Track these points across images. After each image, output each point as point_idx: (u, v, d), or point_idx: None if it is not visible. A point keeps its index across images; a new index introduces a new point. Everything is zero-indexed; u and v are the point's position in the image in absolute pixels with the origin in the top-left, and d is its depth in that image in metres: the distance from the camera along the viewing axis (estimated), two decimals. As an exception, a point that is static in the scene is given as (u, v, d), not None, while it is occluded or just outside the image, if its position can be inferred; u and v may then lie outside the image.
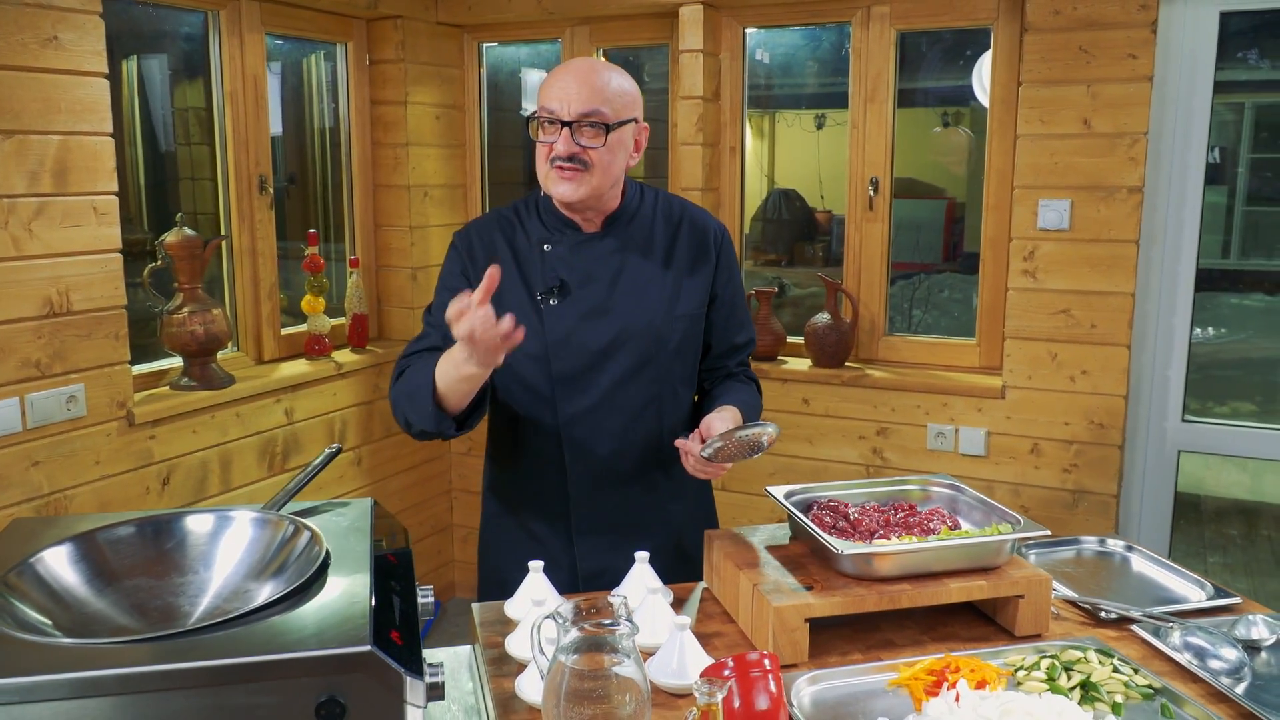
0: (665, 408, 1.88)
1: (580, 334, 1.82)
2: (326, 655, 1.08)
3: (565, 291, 1.83)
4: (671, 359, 1.87)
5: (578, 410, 1.83)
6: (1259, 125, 4.11)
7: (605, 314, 1.82)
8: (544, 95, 1.78)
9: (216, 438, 2.95)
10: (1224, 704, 1.41)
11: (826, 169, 4.39)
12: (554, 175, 1.77)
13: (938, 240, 3.78)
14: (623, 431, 1.85)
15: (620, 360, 1.82)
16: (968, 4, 3.07)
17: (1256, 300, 4.97)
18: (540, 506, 1.91)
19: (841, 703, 1.42)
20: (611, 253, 1.85)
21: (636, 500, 1.89)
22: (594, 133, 1.75)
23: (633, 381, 1.84)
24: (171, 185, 3.21)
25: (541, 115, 1.77)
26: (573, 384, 1.83)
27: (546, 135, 1.77)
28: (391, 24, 3.53)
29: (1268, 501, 5.23)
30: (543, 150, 1.78)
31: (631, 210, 1.89)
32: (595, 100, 1.74)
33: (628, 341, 1.82)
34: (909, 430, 3.19)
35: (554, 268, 1.84)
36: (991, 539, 1.61)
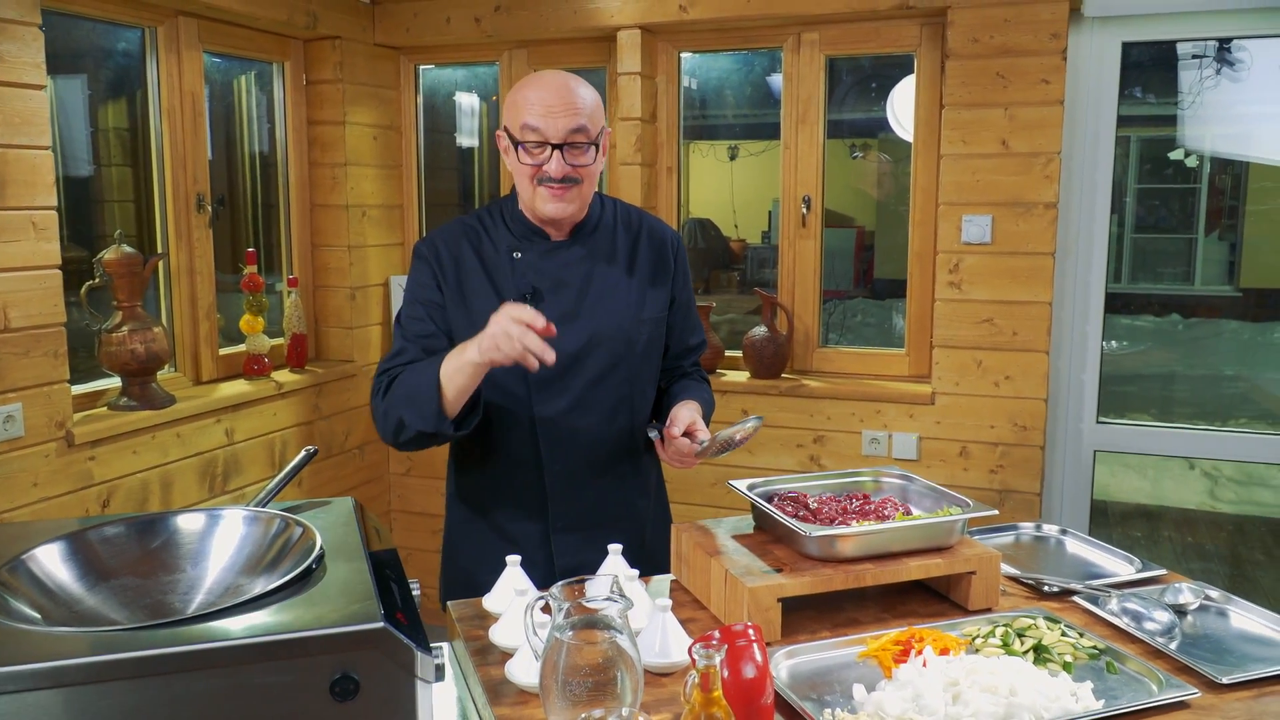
0: (635, 406, 1.95)
1: (554, 339, 1.87)
2: (341, 633, 1.11)
3: (538, 298, 1.88)
4: (640, 360, 1.94)
5: (554, 412, 1.88)
6: (1144, 158, 4.40)
7: (576, 319, 1.88)
8: (524, 115, 1.79)
9: (157, 458, 2.91)
10: (1161, 659, 1.53)
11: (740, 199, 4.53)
12: (544, 194, 1.82)
13: (849, 268, 3.95)
14: (597, 431, 1.91)
15: (593, 363, 1.89)
16: (892, 32, 3.24)
17: (1146, 321, 5.28)
18: (516, 507, 1.94)
19: (817, 674, 1.50)
20: (580, 260, 1.91)
21: (610, 496, 1.96)
22: (581, 150, 1.81)
23: (605, 383, 1.90)
24: (95, 207, 3.17)
25: (525, 137, 1.79)
26: (548, 387, 1.88)
27: (534, 157, 1.80)
28: (329, 44, 3.56)
29: (1167, 505, 5.53)
30: (528, 170, 1.81)
31: (595, 219, 1.95)
32: (579, 118, 1.79)
33: (599, 345, 1.89)
34: (844, 437, 3.31)
35: (525, 275, 1.89)
36: (945, 519, 1.71)
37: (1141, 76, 3.52)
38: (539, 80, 1.83)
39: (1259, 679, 1.48)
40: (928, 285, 3.27)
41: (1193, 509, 5.51)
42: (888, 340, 3.68)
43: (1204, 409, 4.63)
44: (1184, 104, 3.51)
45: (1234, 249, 5.14)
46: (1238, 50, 3.43)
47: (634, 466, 1.98)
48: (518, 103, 1.82)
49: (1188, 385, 5.03)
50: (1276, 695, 1.44)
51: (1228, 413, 4.29)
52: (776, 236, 3.55)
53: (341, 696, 1.11)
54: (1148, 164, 4.49)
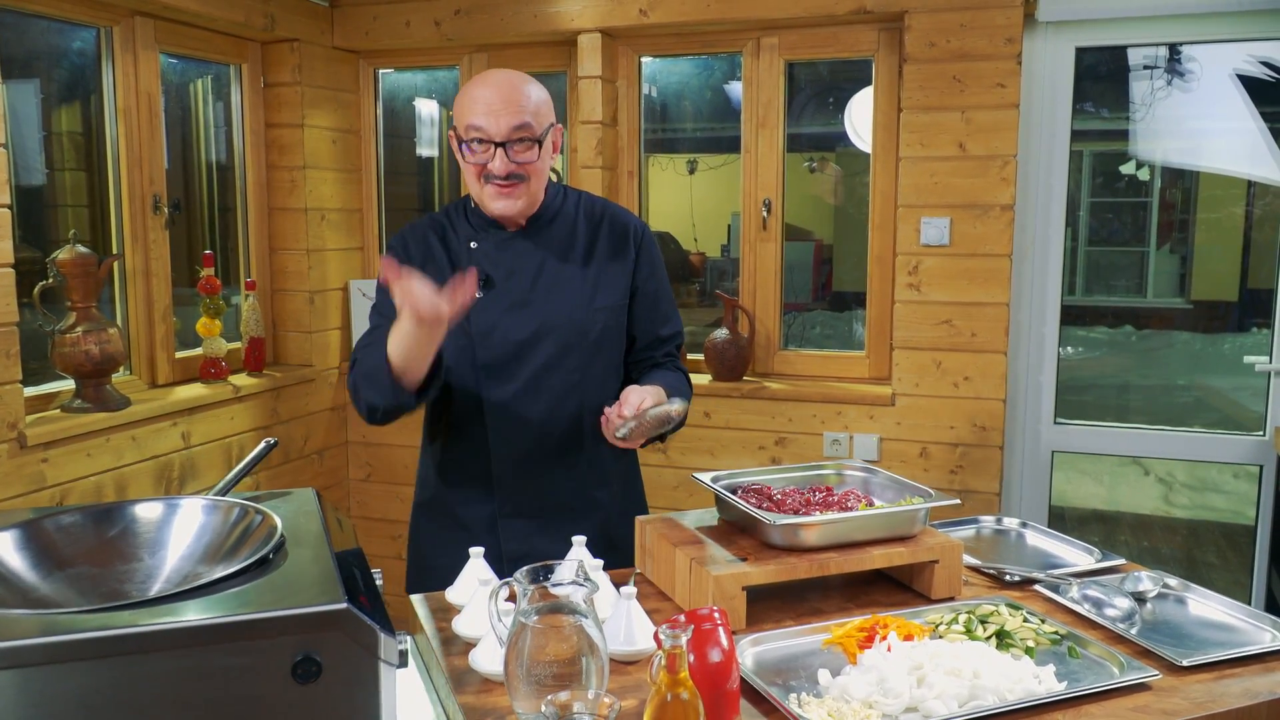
0: (587, 395, 1.95)
1: (504, 325, 1.91)
2: (303, 614, 1.10)
3: (490, 285, 1.91)
4: (593, 349, 1.96)
5: (502, 397, 1.91)
6: (1096, 172, 4.48)
7: (527, 306, 1.91)
8: (468, 114, 1.82)
9: (111, 461, 2.85)
10: (1122, 644, 1.55)
11: (699, 212, 4.56)
12: (491, 192, 1.85)
13: (808, 280, 3.98)
14: (546, 417, 1.93)
15: (542, 350, 1.91)
16: (850, 37, 3.28)
17: (1100, 333, 5.37)
18: (466, 492, 1.98)
19: (782, 661, 1.50)
20: (533, 249, 1.94)
21: (559, 485, 1.97)
22: (525, 147, 1.83)
23: (554, 370, 1.92)
24: (49, 213, 3.11)
25: (470, 136, 1.82)
26: (497, 372, 1.91)
27: (478, 156, 1.83)
28: (288, 47, 3.53)
29: (1122, 510, 5.62)
30: (474, 169, 1.85)
31: (554, 210, 1.98)
32: (522, 115, 1.81)
33: (549, 333, 1.91)
34: (806, 439, 3.32)
35: (480, 263, 1.93)
36: (908, 508, 1.72)
37: (1095, 89, 3.60)
38: (483, 79, 1.86)
39: (1218, 661, 1.50)
40: (887, 287, 3.31)
41: (1148, 514, 5.60)
42: (847, 349, 3.70)
43: (1158, 417, 4.71)
44: (1136, 116, 3.58)
45: (1185, 262, 5.25)
46: (1187, 61, 3.51)
47: (588, 456, 1.98)
48: (463, 102, 1.85)
49: (1142, 394, 5.12)
50: (1235, 677, 1.46)
51: (1180, 420, 4.37)
52: (736, 249, 3.58)
53: (303, 678, 1.10)
54: (1100, 178, 4.58)
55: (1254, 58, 3.30)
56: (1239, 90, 3.38)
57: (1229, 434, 3.25)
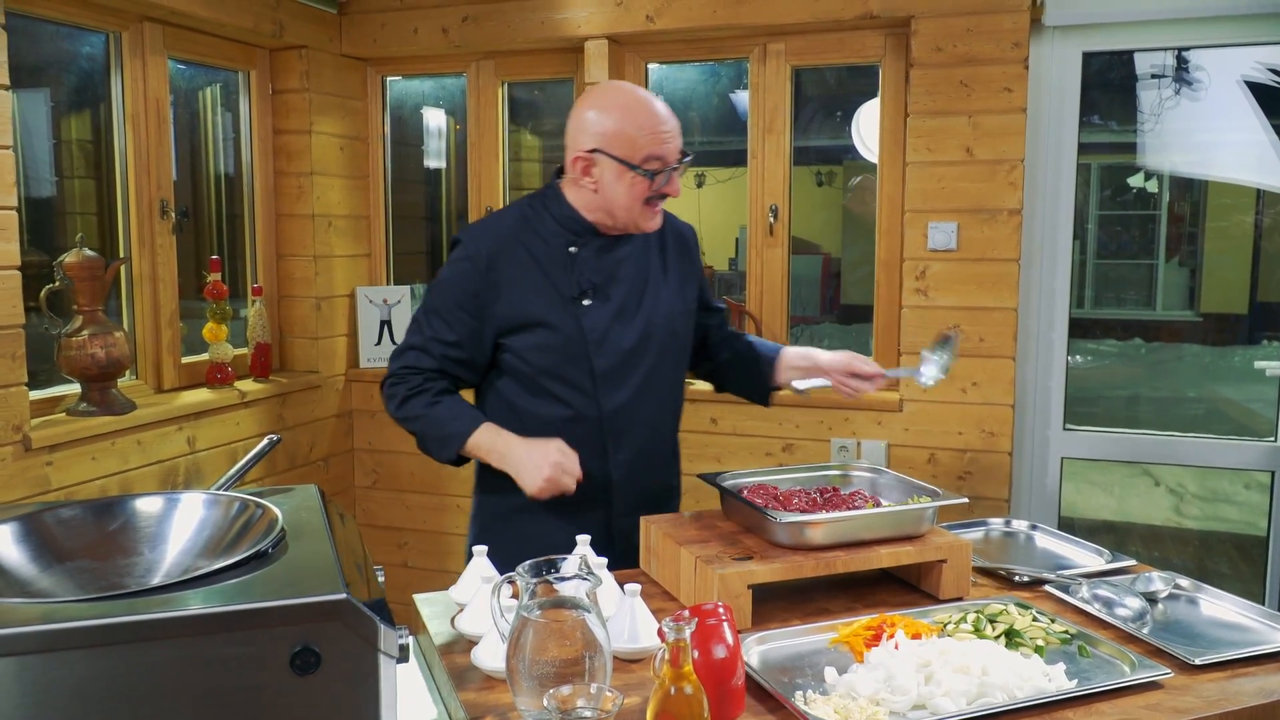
0: (679, 396, 2.11)
1: (614, 333, 1.95)
2: (302, 604, 1.09)
3: (599, 292, 1.95)
4: (682, 350, 2.08)
5: (618, 403, 1.96)
6: (1104, 185, 4.47)
7: (634, 313, 1.97)
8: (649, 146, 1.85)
9: (117, 465, 2.85)
10: (1133, 643, 1.53)
11: (707, 225, 4.55)
12: (648, 213, 1.93)
13: (816, 294, 3.97)
14: (656, 418, 2.02)
15: (648, 356, 1.99)
16: (857, 42, 3.28)
17: (1110, 346, 5.35)
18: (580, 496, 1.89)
19: (788, 659, 1.49)
20: (628, 257, 2.00)
21: (662, 480, 2.07)
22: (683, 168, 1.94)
23: (659, 373, 2.00)
24: (58, 219, 3.12)
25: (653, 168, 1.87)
26: (612, 379, 1.95)
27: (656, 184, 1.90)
28: (296, 54, 3.54)
29: (1134, 521, 5.58)
30: (642, 188, 1.88)
31: None
32: (679, 136, 1.92)
33: (652, 337, 1.99)
34: (813, 445, 3.30)
35: (583, 270, 1.95)
36: (915, 507, 1.71)
37: (1103, 101, 3.59)
38: (647, 104, 1.89)
39: (1231, 660, 1.48)
40: (895, 293, 3.29)
41: (1159, 524, 5.56)
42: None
43: (1169, 427, 4.70)
44: (1144, 127, 3.57)
45: (1194, 275, 5.23)
46: (1195, 70, 3.50)
47: (675, 451, 2.13)
48: (630, 134, 1.85)
49: (1152, 406, 5.09)
50: (1249, 676, 1.44)
51: (1192, 430, 4.34)
52: (743, 263, 3.57)
53: (302, 670, 1.08)
54: (1108, 190, 4.56)
55: (1262, 64, 3.29)
56: (1248, 97, 3.36)
57: (1239, 439, 3.23)
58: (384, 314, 3.82)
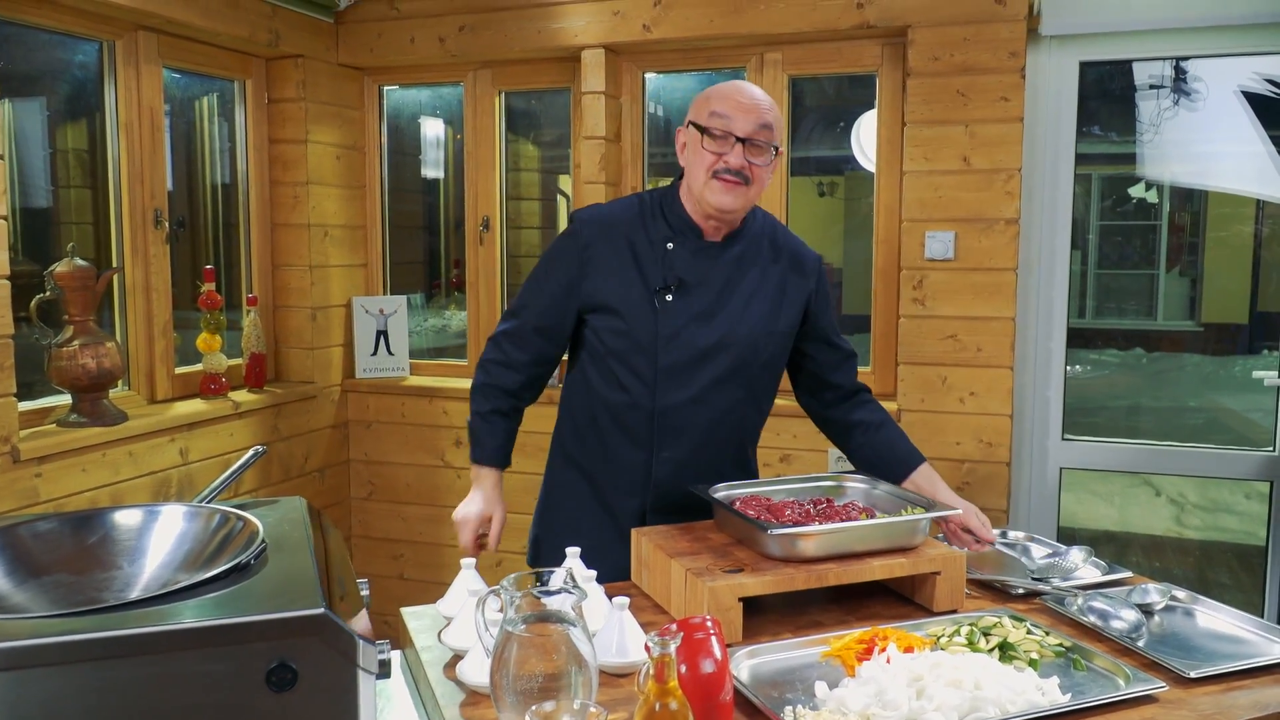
0: (747, 413, 2.03)
1: (688, 332, 1.93)
2: (278, 619, 1.06)
3: (682, 290, 1.93)
4: (761, 370, 2.00)
5: (675, 402, 1.94)
6: (1105, 195, 4.46)
7: (713, 317, 1.94)
8: (717, 104, 1.86)
9: (107, 477, 2.83)
10: (1128, 656, 1.51)
11: None
12: (717, 185, 1.87)
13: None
14: (709, 428, 1.97)
15: (719, 362, 1.94)
16: (854, 51, 3.27)
17: (1111, 356, 5.33)
18: (622, 481, 2.00)
19: (779, 673, 1.46)
20: (728, 262, 1.97)
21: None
22: (761, 149, 1.87)
23: (726, 384, 1.96)
24: (53, 229, 3.10)
25: (714, 126, 1.85)
26: (674, 377, 1.94)
27: (717, 146, 1.86)
28: (292, 63, 3.53)
29: (1134, 532, 5.55)
30: (707, 159, 1.87)
31: (749, 226, 2.02)
32: (766, 118, 1.87)
33: (728, 346, 1.95)
34: (811, 456, 3.28)
35: (674, 266, 1.94)
36: (908, 519, 1.69)
37: (1103, 112, 3.58)
38: (735, 83, 1.92)
39: (1227, 673, 1.46)
40: (892, 302, 3.27)
41: (1160, 535, 5.53)
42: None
43: (1169, 437, 4.68)
44: (1144, 137, 3.56)
45: (1195, 285, 5.22)
46: (1194, 81, 3.49)
47: (739, 465, 2.06)
48: (710, 96, 1.90)
49: (1153, 416, 5.06)
50: (1245, 689, 1.42)
51: (1192, 440, 4.32)
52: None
53: (278, 686, 1.06)
54: (1109, 200, 4.55)
55: (1259, 75, 3.28)
56: (1245, 108, 3.35)
57: (1238, 449, 3.20)
58: (380, 324, 3.81)
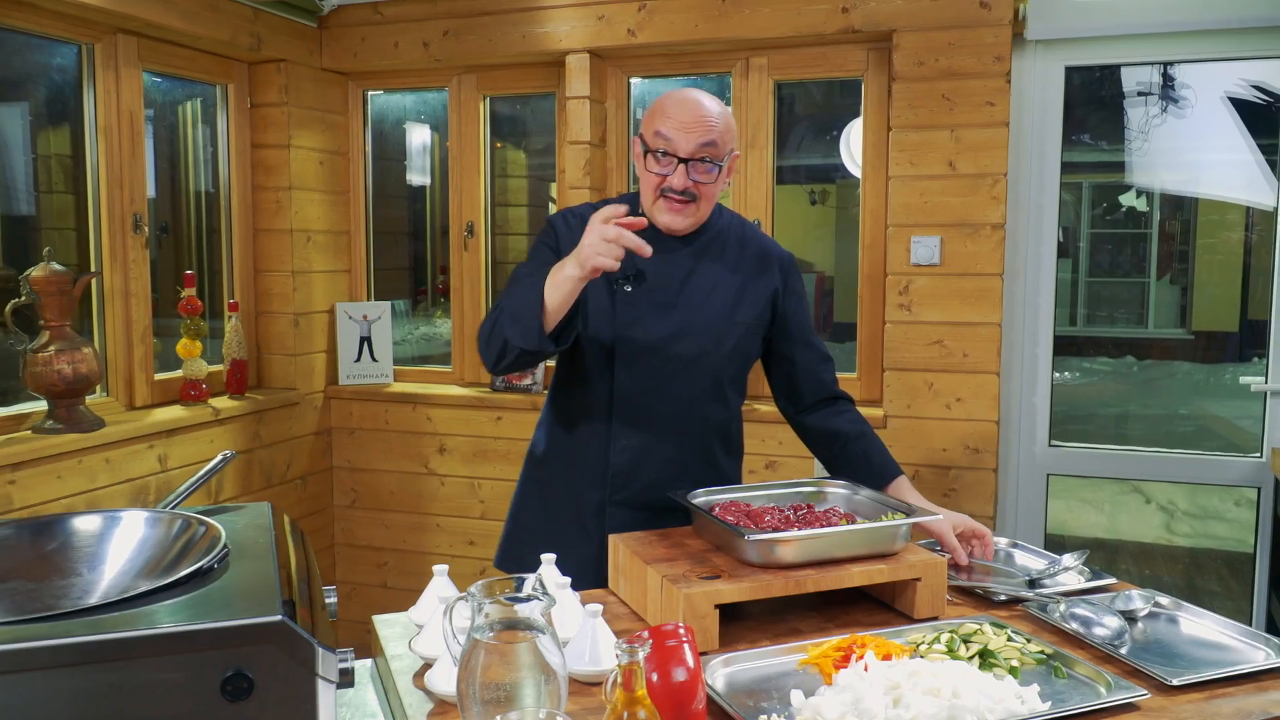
0: (710, 404, 2.01)
1: (647, 322, 1.94)
2: (233, 626, 1.04)
3: (640, 280, 1.94)
4: (725, 360, 1.99)
5: (633, 390, 1.95)
6: (1095, 203, 4.45)
7: (672, 307, 1.95)
8: (660, 124, 1.86)
9: (84, 484, 2.79)
10: (1110, 663, 1.48)
11: None
12: (663, 205, 1.90)
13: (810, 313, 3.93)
14: (669, 417, 1.96)
15: (679, 352, 1.94)
16: (839, 56, 3.25)
17: (1103, 364, 5.33)
18: (584, 472, 2.00)
19: (755, 682, 1.44)
20: (687, 256, 1.98)
21: (671, 485, 1.97)
22: (706, 168, 1.87)
23: (686, 373, 1.96)
24: (35, 235, 3.07)
25: (658, 146, 1.86)
26: (632, 366, 1.94)
27: (660, 167, 1.88)
28: (275, 68, 3.51)
29: (1123, 539, 5.54)
30: (653, 180, 1.89)
31: (711, 223, 2.01)
32: (710, 134, 1.85)
33: (687, 335, 1.95)
34: (797, 462, 3.26)
35: (634, 259, 1.92)
36: (889, 524, 1.66)
37: (1092, 120, 3.57)
38: (681, 94, 1.91)
39: (1210, 680, 1.43)
40: (878, 308, 3.26)
41: (1149, 542, 5.52)
42: (841, 373, 3.65)
43: (1158, 446, 4.67)
44: (1132, 145, 3.55)
45: (1185, 293, 5.22)
46: (1181, 88, 3.49)
47: (707, 463, 2.02)
48: (656, 113, 1.89)
49: (1143, 423, 5.06)
50: (1228, 697, 1.40)
51: (1182, 447, 4.31)
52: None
53: (234, 696, 1.03)
54: (1099, 208, 4.55)
55: (1245, 81, 3.27)
56: (1232, 115, 3.34)
57: (1225, 456, 3.19)
58: (364, 330, 3.78)
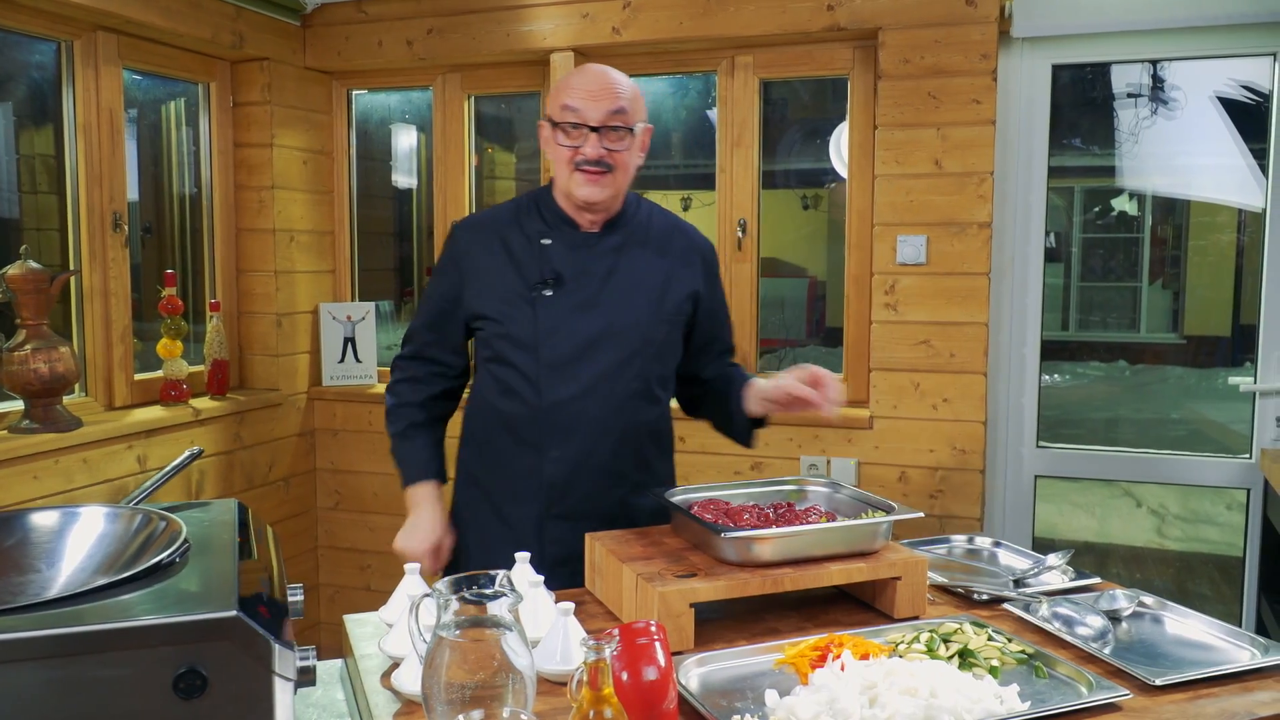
0: (642, 404, 1.94)
1: (570, 325, 1.89)
2: (186, 621, 1.01)
3: (559, 284, 1.89)
4: (653, 358, 1.94)
5: (561, 398, 1.89)
6: (1087, 208, 4.43)
7: (595, 308, 1.90)
8: (565, 96, 1.84)
9: (60, 484, 2.76)
10: (1093, 663, 1.46)
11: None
12: (579, 178, 1.85)
13: (801, 317, 3.91)
14: (602, 422, 1.90)
15: (605, 353, 1.89)
16: (825, 54, 3.23)
17: (1095, 368, 5.31)
18: (516, 490, 1.94)
19: (730, 682, 1.41)
20: (607, 252, 1.93)
21: (609, 493, 1.93)
22: (619, 135, 1.84)
23: (615, 375, 1.90)
24: (18, 235, 3.04)
25: (565, 118, 1.82)
26: (558, 372, 1.88)
27: (571, 140, 1.84)
28: (257, 66, 3.48)
29: (1114, 543, 5.52)
30: (565, 154, 1.85)
31: (630, 215, 1.97)
32: (619, 101, 1.83)
33: (614, 336, 1.90)
34: (782, 464, 3.23)
35: (551, 261, 1.91)
36: (868, 522, 1.64)
37: (1083, 124, 3.55)
38: (583, 68, 1.90)
39: (1193, 681, 1.41)
40: (864, 307, 3.23)
41: (1140, 546, 5.49)
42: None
43: (1150, 448, 4.65)
44: (1123, 149, 3.54)
45: (1177, 297, 5.21)
46: (1171, 89, 3.47)
47: (640, 465, 1.97)
48: (560, 89, 1.86)
49: (1134, 427, 5.04)
50: (1211, 697, 1.37)
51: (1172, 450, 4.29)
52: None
53: (186, 693, 1.00)
54: (1090, 213, 4.53)
55: (1235, 80, 3.26)
56: (1221, 115, 3.33)
57: (1214, 457, 3.17)
58: (348, 331, 3.75)
